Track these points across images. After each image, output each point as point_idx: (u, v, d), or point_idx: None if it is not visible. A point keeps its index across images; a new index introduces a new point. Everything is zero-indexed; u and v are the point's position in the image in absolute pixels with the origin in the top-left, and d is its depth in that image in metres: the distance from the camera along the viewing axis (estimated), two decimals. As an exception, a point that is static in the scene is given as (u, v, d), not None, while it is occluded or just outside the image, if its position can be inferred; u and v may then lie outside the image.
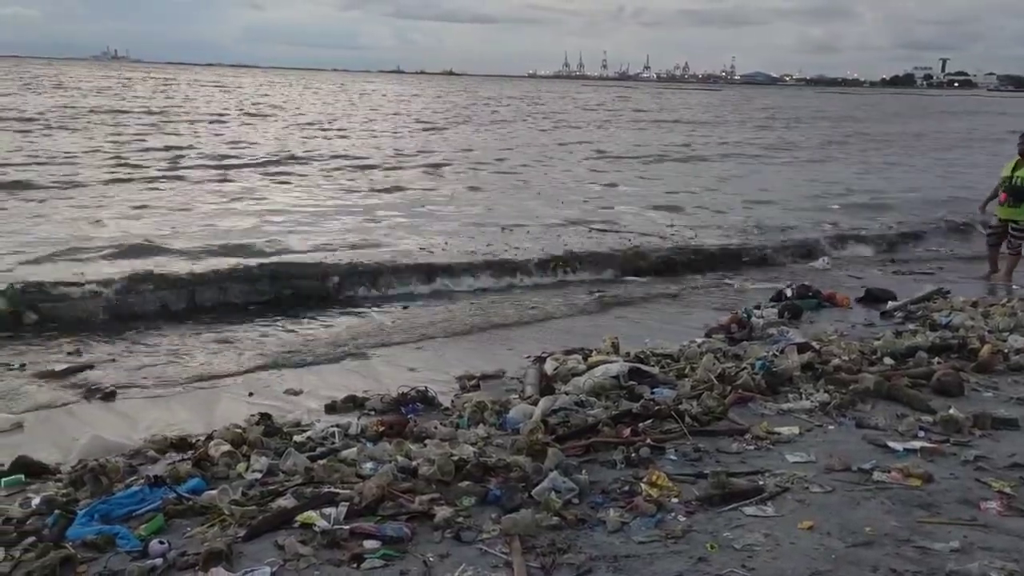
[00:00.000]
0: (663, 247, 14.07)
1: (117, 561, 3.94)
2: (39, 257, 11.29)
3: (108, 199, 16.97)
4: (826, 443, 5.52)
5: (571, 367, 7.25)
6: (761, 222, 16.88)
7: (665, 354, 7.85)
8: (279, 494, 4.66)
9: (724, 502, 4.58)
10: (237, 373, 7.54)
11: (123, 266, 10.81)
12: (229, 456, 5.21)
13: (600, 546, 4.13)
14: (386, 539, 4.14)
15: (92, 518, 4.30)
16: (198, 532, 4.25)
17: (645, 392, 6.46)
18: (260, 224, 14.87)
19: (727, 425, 5.85)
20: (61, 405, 6.64)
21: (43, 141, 26.86)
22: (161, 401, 6.87)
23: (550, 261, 12.56)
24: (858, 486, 4.81)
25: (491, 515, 4.42)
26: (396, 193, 19.53)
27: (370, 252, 12.53)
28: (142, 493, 4.60)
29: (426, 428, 5.85)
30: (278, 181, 21.08)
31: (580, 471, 4.91)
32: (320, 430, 5.79)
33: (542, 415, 5.84)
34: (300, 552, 4.00)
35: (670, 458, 5.26)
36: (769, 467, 5.09)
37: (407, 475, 4.87)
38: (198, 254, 11.92)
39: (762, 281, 12.18)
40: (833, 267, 13.61)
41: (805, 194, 21.70)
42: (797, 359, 7.13)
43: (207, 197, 17.95)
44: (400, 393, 6.62)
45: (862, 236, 16.13)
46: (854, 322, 9.33)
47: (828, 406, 6.21)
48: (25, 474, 5.05)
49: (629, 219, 16.89)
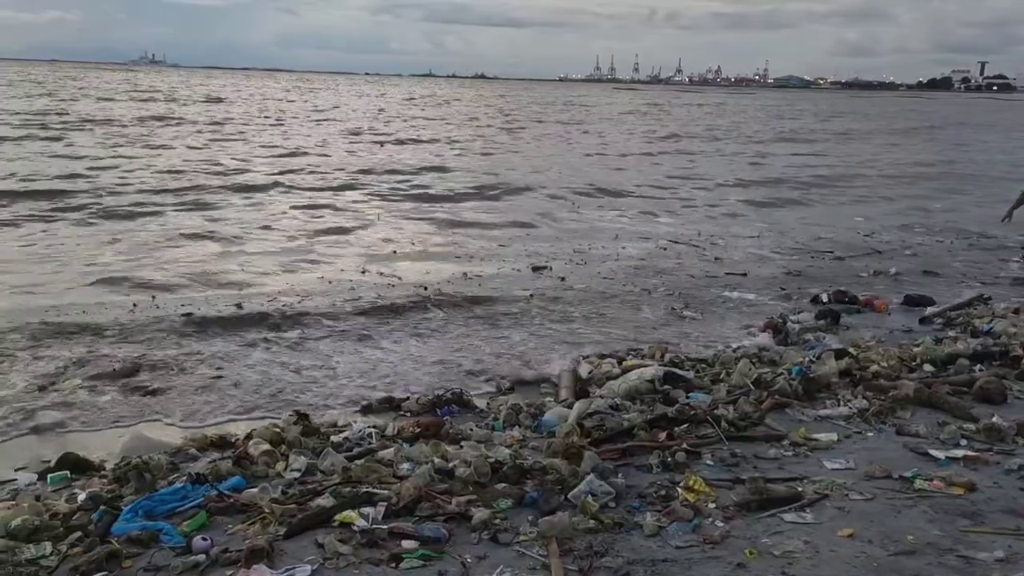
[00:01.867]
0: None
1: (161, 557, 4.01)
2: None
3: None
4: (865, 450, 5.47)
5: (606, 371, 7.26)
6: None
7: (700, 359, 7.82)
8: (318, 493, 4.72)
9: (762, 508, 4.55)
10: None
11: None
12: (268, 455, 5.28)
13: (637, 550, 4.12)
14: (424, 539, 4.18)
15: (136, 514, 4.38)
16: (239, 529, 4.32)
17: (680, 396, 6.44)
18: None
19: (764, 431, 5.80)
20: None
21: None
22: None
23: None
24: (899, 494, 4.76)
25: (528, 517, 4.44)
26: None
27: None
28: (184, 490, 4.68)
29: (461, 430, 5.88)
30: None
31: (616, 475, 4.91)
32: (357, 430, 5.84)
33: (577, 418, 5.84)
34: (340, 551, 4.06)
35: (706, 463, 5.24)
36: (807, 474, 5.05)
37: (444, 476, 4.90)
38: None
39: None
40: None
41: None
42: (834, 365, 7.06)
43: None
44: (435, 395, 6.66)
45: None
46: (892, 328, 9.21)
47: (867, 413, 6.14)
48: (71, 470, 5.15)
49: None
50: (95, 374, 7.15)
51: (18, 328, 8.16)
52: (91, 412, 6.42)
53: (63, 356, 7.51)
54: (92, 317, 8.76)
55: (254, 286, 10.59)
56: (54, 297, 9.56)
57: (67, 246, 12.66)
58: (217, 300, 9.67)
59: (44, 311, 8.81)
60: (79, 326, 8.39)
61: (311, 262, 12.22)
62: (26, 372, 7.13)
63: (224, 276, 11.10)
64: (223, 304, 9.45)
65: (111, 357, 7.57)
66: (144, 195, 17.69)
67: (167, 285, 10.39)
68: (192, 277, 10.93)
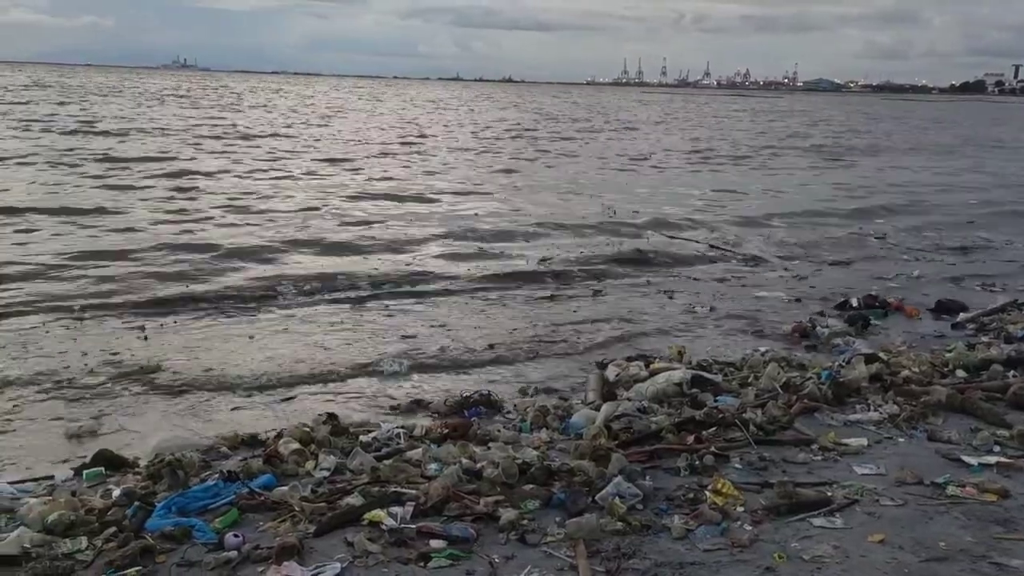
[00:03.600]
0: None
1: (194, 553, 4.07)
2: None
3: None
4: (896, 456, 5.42)
5: (633, 373, 7.24)
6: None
7: (728, 362, 7.78)
8: (347, 492, 4.76)
9: (791, 512, 4.53)
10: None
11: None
12: (298, 454, 5.33)
13: (665, 553, 4.12)
14: (452, 539, 4.21)
15: (170, 510, 4.45)
16: (270, 527, 4.37)
17: (708, 400, 6.42)
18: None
19: (793, 435, 5.77)
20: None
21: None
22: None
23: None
24: (931, 500, 4.71)
25: (555, 519, 4.45)
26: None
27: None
28: (216, 487, 4.74)
29: (489, 431, 5.91)
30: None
31: (644, 477, 4.91)
32: (385, 431, 5.87)
33: (605, 420, 5.84)
34: (369, 549, 4.09)
35: (734, 466, 5.22)
36: (837, 478, 5.01)
37: (471, 477, 4.92)
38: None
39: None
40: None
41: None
42: (864, 370, 7.00)
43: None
44: (463, 396, 6.68)
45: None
46: (923, 333, 9.10)
47: (898, 418, 6.08)
48: (106, 467, 5.24)
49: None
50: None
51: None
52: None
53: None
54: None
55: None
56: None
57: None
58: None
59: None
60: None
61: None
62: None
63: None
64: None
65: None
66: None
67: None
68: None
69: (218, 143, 30.79)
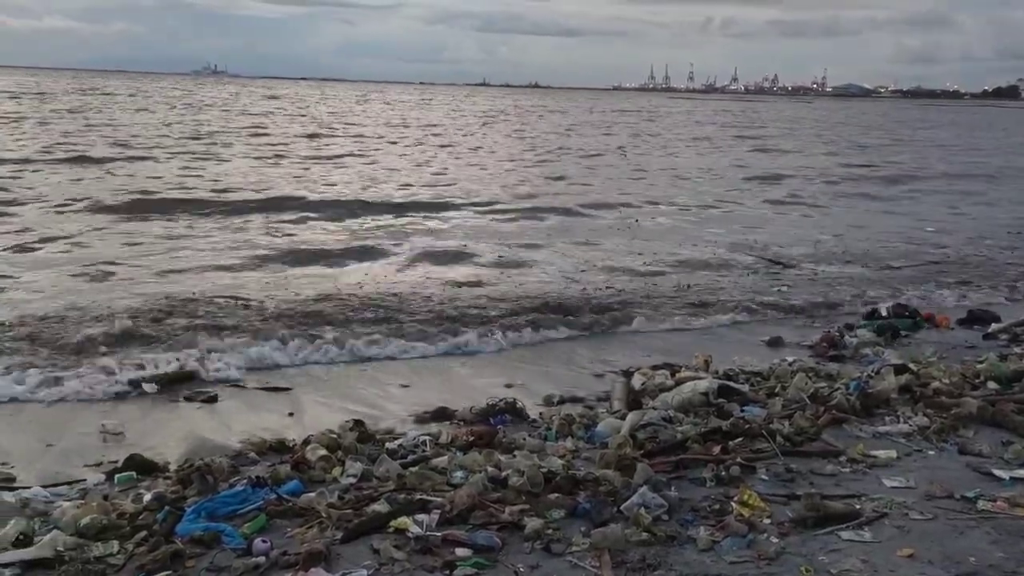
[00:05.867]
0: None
1: (223, 558, 4.13)
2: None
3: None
4: (926, 469, 5.36)
5: (659, 382, 7.23)
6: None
7: (754, 372, 7.74)
8: (373, 499, 4.79)
9: (818, 525, 4.49)
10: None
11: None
12: (325, 460, 5.39)
13: (691, 564, 4.11)
14: (477, 548, 4.22)
15: (199, 515, 4.51)
16: (297, 533, 4.42)
17: (734, 410, 6.38)
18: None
19: (820, 446, 5.72)
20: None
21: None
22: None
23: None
24: (961, 514, 4.65)
25: (580, 528, 4.45)
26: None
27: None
28: (245, 493, 4.80)
29: (514, 439, 5.92)
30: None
31: (669, 487, 4.89)
32: (411, 438, 5.92)
33: (630, 430, 5.83)
34: (395, 556, 4.13)
35: (761, 478, 5.19)
36: (865, 491, 4.97)
37: (497, 485, 4.94)
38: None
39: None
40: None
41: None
42: (894, 381, 6.92)
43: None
44: (488, 404, 6.70)
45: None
46: (954, 344, 8.98)
47: (928, 430, 6.01)
48: (137, 471, 5.32)
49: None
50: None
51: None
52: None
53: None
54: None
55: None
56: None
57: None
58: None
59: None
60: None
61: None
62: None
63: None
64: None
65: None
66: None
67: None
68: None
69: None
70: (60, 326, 8.68)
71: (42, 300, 9.80)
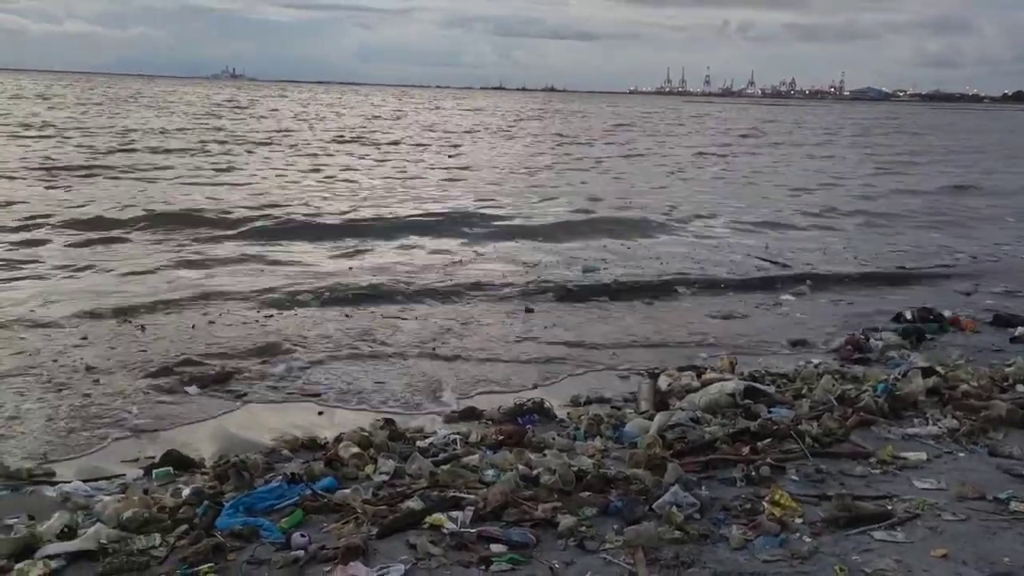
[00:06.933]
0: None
1: (263, 551, 4.20)
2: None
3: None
4: (956, 471, 5.36)
5: (685, 384, 7.25)
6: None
7: (780, 374, 7.75)
8: (406, 496, 4.85)
9: (850, 525, 4.51)
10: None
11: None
12: (357, 458, 5.45)
13: (724, 562, 4.14)
14: (511, 544, 4.28)
15: (238, 510, 4.58)
16: (334, 528, 4.48)
17: (762, 411, 6.40)
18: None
19: (849, 448, 5.73)
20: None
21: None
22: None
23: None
24: (993, 516, 4.66)
25: (613, 526, 4.49)
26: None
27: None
28: (281, 489, 4.88)
29: (544, 438, 5.96)
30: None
31: (700, 487, 4.93)
32: (441, 436, 5.98)
33: (659, 430, 5.87)
34: (431, 552, 4.19)
35: (791, 478, 5.21)
36: (896, 492, 4.98)
37: (529, 483, 4.99)
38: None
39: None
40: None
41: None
42: (922, 383, 6.91)
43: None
44: (516, 404, 6.75)
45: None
46: (981, 347, 8.94)
47: (957, 433, 6.01)
48: (173, 467, 5.40)
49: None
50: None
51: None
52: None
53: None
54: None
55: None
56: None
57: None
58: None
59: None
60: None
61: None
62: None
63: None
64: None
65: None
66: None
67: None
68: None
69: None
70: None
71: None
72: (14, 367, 7.50)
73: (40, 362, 7.66)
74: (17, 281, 10.93)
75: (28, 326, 8.80)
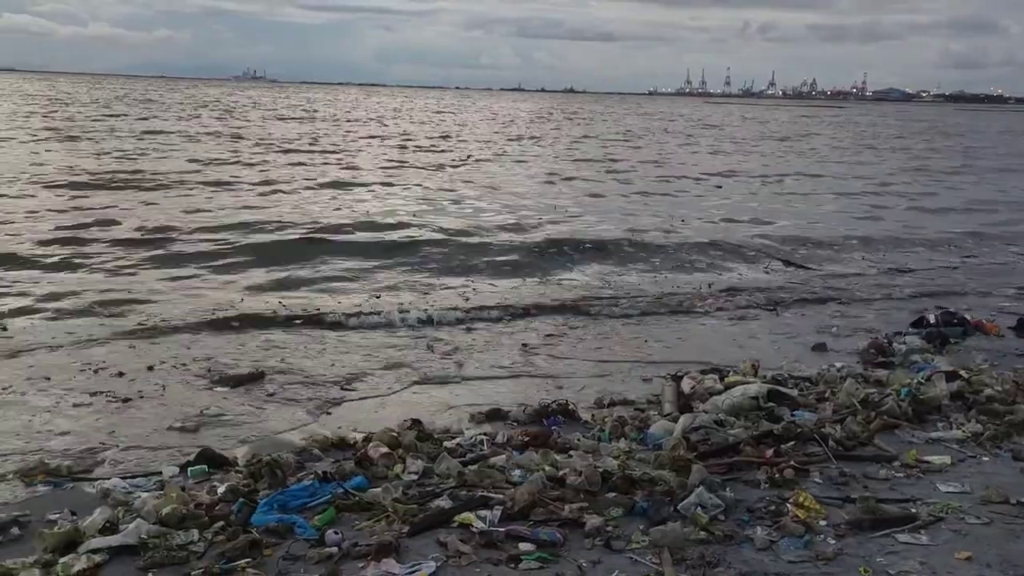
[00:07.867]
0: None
1: (297, 547, 4.31)
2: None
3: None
4: (981, 475, 5.39)
5: (708, 386, 7.30)
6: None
7: (803, 377, 7.78)
8: (436, 495, 4.96)
9: (875, 528, 4.57)
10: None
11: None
12: (387, 457, 5.56)
13: (749, 563, 4.20)
14: (540, 543, 4.36)
15: (272, 507, 4.71)
16: (366, 526, 4.59)
17: (785, 414, 6.44)
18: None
19: (873, 451, 5.77)
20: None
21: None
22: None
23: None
24: (1017, 519, 4.70)
25: (639, 526, 4.57)
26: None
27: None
28: (313, 487, 4.99)
29: (569, 440, 6.04)
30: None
31: (724, 488, 4.99)
32: (468, 437, 6.07)
33: (683, 432, 5.93)
34: (461, 550, 4.28)
35: (815, 481, 5.27)
36: (920, 496, 5.02)
37: (555, 484, 5.08)
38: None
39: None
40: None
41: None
42: (945, 387, 6.93)
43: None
44: (542, 405, 6.84)
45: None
46: (1005, 351, 8.92)
47: (981, 437, 6.03)
48: (208, 465, 5.53)
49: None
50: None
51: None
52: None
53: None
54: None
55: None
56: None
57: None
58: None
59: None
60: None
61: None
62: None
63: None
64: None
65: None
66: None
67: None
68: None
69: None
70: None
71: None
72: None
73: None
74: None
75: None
